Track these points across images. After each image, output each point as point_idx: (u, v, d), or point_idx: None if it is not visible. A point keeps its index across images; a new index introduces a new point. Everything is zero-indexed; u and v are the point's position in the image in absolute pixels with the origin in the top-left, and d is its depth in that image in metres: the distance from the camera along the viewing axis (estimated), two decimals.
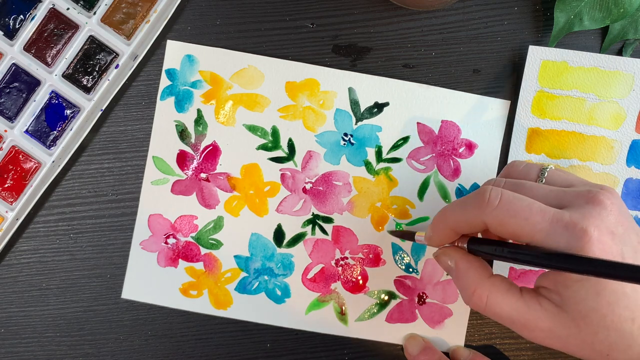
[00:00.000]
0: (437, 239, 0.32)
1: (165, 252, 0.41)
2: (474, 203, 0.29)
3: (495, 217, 0.28)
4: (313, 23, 0.41)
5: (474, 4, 0.41)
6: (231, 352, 0.41)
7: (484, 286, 0.29)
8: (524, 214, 0.27)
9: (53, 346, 0.41)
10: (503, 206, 0.27)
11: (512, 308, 0.28)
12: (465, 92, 0.41)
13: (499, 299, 0.29)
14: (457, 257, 0.31)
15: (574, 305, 0.27)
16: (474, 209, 0.29)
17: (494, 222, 0.28)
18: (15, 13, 0.40)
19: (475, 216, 0.28)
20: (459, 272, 0.30)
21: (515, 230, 0.27)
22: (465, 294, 0.30)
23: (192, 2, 0.41)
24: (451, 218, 0.30)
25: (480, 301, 0.29)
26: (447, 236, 0.31)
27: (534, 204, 0.27)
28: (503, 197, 0.28)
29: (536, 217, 0.27)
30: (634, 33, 0.40)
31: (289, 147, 0.41)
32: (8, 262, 0.41)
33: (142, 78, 0.41)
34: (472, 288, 0.29)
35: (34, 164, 0.41)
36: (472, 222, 0.29)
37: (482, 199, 0.28)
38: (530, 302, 0.28)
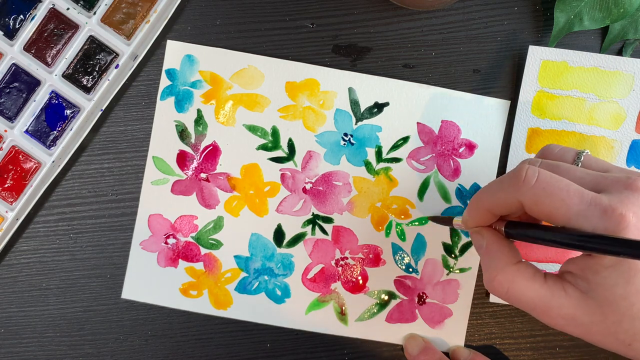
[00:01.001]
0: (472, 221, 0.31)
1: (165, 252, 0.41)
2: (510, 182, 0.28)
3: (532, 196, 0.27)
4: (313, 23, 0.41)
5: (474, 4, 0.41)
6: (231, 352, 0.41)
7: (508, 272, 0.29)
8: (561, 195, 0.26)
9: (53, 346, 0.41)
10: (539, 185, 0.27)
11: (535, 294, 0.28)
12: (465, 92, 0.41)
13: (522, 285, 0.28)
14: (489, 238, 0.30)
15: (602, 292, 0.26)
16: (509, 187, 0.28)
17: (529, 201, 0.27)
18: (15, 13, 0.40)
19: (511, 195, 0.28)
20: (487, 253, 0.30)
21: (551, 211, 0.26)
22: (487, 277, 0.30)
23: (192, 2, 0.41)
24: (486, 198, 0.30)
25: (501, 286, 0.29)
26: (483, 218, 0.30)
27: (571, 185, 0.26)
28: (540, 176, 0.27)
29: (573, 199, 0.26)
30: (634, 33, 0.40)
31: (289, 147, 0.41)
32: (8, 262, 0.42)
33: (142, 78, 0.41)
34: (495, 273, 0.29)
35: (34, 164, 0.41)
36: (507, 201, 0.28)
37: (519, 177, 0.27)
38: (554, 287, 0.28)
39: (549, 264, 0.40)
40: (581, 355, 0.41)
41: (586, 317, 0.27)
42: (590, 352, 0.41)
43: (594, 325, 0.27)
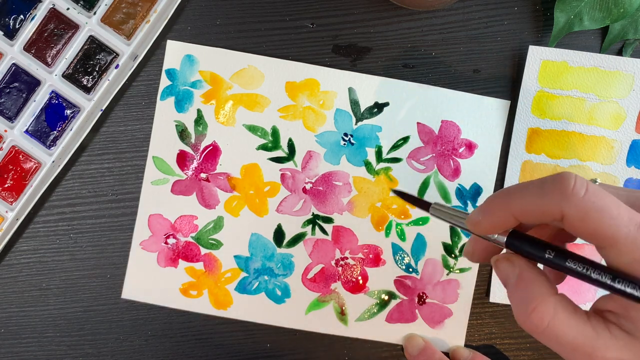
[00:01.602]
0: (487, 225, 0.26)
1: (165, 252, 0.41)
2: (555, 189, 0.24)
3: (580, 209, 0.23)
4: (313, 23, 0.41)
5: (474, 4, 0.41)
6: (231, 352, 0.41)
7: (549, 303, 0.25)
8: (611, 212, 0.23)
9: (53, 346, 0.41)
10: (590, 198, 0.23)
11: (579, 332, 0.24)
12: (465, 92, 0.41)
13: (565, 320, 0.24)
14: (523, 265, 0.26)
15: None
16: (553, 195, 0.24)
17: (575, 214, 0.23)
18: (15, 13, 0.40)
19: (555, 203, 0.24)
20: (522, 284, 0.26)
21: (597, 229, 0.23)
22: (523, 310, 0.25)
23: (192, 2, 0.41)
24: (518, 201, 0.25)
25: (542, 320, 0.24)
26: (503, 222, 0.26)
27: (621, 204, 0.24)
28: (590, 188, 0.24)
29: (624, 218, 0.23)
30: (634, 33, 0.40)
31: (289, 147, 0.41)
32: (8, 262, 0.42)
33: (142, 78, 0.41)
34: (534, 304, 0.25)
35: (34, 164, 0.41)
36: (546, 209, 0.24)
37: (567, 185, 0.24)
38: (599, 327, 0.24)
39: None
40: None
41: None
42: None
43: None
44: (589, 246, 0.41)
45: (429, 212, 0.29)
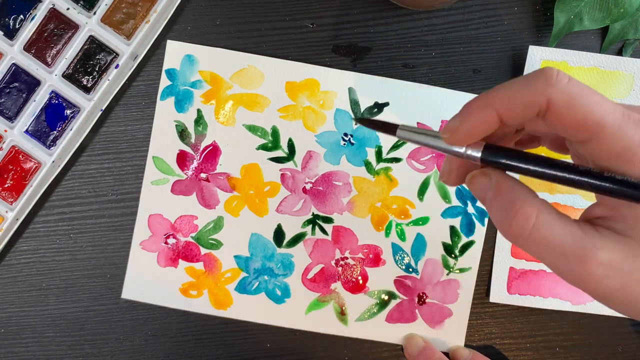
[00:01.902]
0: (467, 129, 0.24)
1: (165, 252, 0.41)
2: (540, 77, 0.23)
3: (566, 94, 0.22)
4: (313, 23, 0.41)
5: (474, 4, 0.41)
6: (231, 352, 0.41)
7: (533, 204, 0.23)
8: (596, 98, 0.22)
9: (53, 346, 0.41)
10: (574, 85, 0.23)
11: (565, 233, 0.23)
12: (465, 92, 0.41)
13: (551, 220, 0.23)
14: (500, 176, 0.25)
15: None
16: (539, 83, 0.23)
17: (562, 100, 0.22)
18: (15, 13, 0.40)
19: (540, 91, 0.23)
20: (501, 192, 0.24)
21: (585, 114, 0.22)
22: (505, 216, 0.24)
23: (192, 2, 0.41)
24: (502, 96, 0.24)
25: (527, 222, 0.23)
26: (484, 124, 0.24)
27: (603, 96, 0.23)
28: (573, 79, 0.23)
29: (609, 106, 0.22)
30: (634, 33, 0.40)
31: (289, 147, 0.41)
32: (8, 262, 0.41)
33: (142, 78, 0.41)
34: (517, 206, 0.23)
35: (34, 164, 0.41)
36: (533, 98, 0.23)
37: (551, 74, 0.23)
38: (587, 230, 0.23)
39: None
40: (581, 356, 0.41)
41: (627, 262, 0.22)
42: (591, 353, 0.41)
43: (635, 272, 0.22)
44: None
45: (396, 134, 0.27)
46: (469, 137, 0.24)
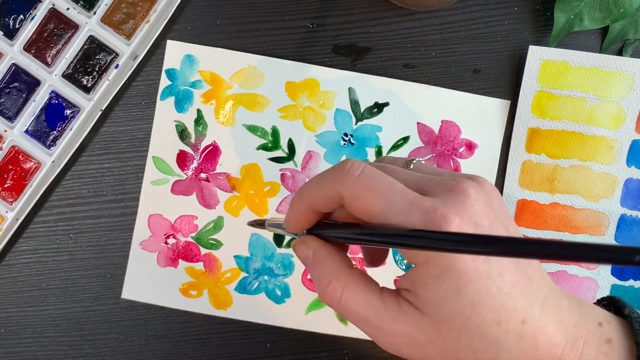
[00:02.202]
0: (294, 221, 0.28)
1: (165, 252, 0.41)
2: (333, 173, 0.26)
3: (353, 189, 0.25)
4: (313, 23, 0.41)
5: (474, 4, 0.41)
6: (231, 352, 0.41)
7: (341, 278, 0.26)
8: (383, 190, 0.24)
9: (53, 346, 0.41)
10: (363, 178, 0.25)
11: (368, 305, 0.25)
12: (465, 92, 0.41)
13: (355, 293, 0.26)
14: (317, 245, 0.28)
15: (433, 307, 0.24)
16: (332, 179, 0.26)
17: (350, 195, 0.25)
18: (15, 13, 0.40)
19: (333, 187, 0.26)
20: (317, 261, 0.27)
21: (371, 207, 0.25)
22: (320, 286, 0.27)
23: (192, 2, 0.41)
24: (307, 193, 0.27)
25: (335, 294, 0.26)
26: (304, 216, 0.28)
27: (396, 184, 0.25)
28: (365, 170, 0.25)
29: (395, 197, 0.24)
30: (634, 33, 0.40)
31: (289, 147, 0.41)
32: (8, 262, 0.41)
33: (142, 78, 0.41)
34: (328, 279, 0.26)
35: (34, 164, 0.41)
36: (328, 194, 0.26)
37: (343, 169, 0.26)
38: (389, 301, 0.25)
39: (549, 264, 0.41)
40: None
41: (422, 335, 0.24)
42: None
43: (431, 345, 0.24)
44: None
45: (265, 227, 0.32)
46: (298, 228, 0.28)
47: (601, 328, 0.25)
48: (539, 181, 0.41)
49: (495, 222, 0.25)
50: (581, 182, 0.40)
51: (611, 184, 0.40)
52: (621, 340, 0.25)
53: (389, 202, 0.24)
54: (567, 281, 0.40)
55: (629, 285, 0.41)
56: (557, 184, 0.41)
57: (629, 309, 0.27)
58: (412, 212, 0.24)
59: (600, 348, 0.25)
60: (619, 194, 0.40)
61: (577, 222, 0.40)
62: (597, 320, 0.26)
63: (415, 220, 0.24)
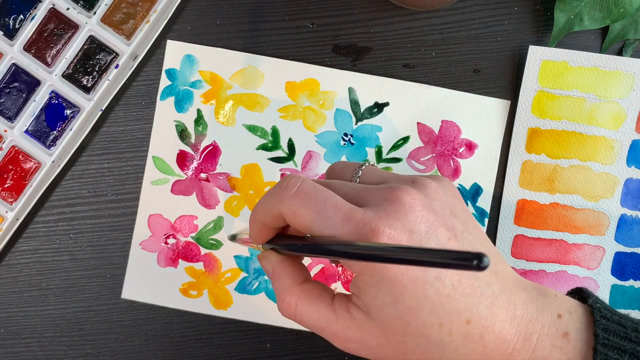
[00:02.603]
0: (253, 235, 0.29)
1: (165, 252, 0.41)
2: (274, 191, 0.27)
3: (289, 207, 0.26)
4: (313, 23, 0.41)
5: (474, 4, 0.41)
6: (231, 352, 0.41)
7: (294, 292, 0.27)
8: (317, 207, 0.25)
9: (53, 346, 0.41)
10: (298, 196, 0.25)
11: (320, 316, 0.26)
12: (465, 92, 0.41)
13: (307, 306, 0.27)
14: (275, 260, 0.29)
15: (376, 313, 0.25)
16: (273, 197, 0.27)
17: (288, 212, 0.26)
18: (15, 13, 0.40)
19: (273, 206, 0.26)
20: (274, 275, 0.28)
21: (307, 224, 0.25)
22: (277, 300, 0.28)
23: (192, 2, 0.41)
24: (257, 211, 0.28)
25: (289, 308, 0.27)
26: (260, 231, 0.29)
27: (330, 198, 0.25)
28: (301, 187, 0.26)
29: (329, 212, 0.25)
30: (634, 33, 0.40)
31: (289, 147, 0.41)
32: (8, 262, 0.41)
33: (142, 78, 0.41)
34: (283, 294, 0.28)
35: (34, 164, 0.41)
36: (271, 212, 0.27)
37: (281, 187, 0.26)
38: (340, 309, 0.26)
39: (549, 264, 0.41)
40: None
41: (372, 339, 0.25)
42: None
43: (382, 347, 0.25)
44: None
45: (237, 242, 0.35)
46: (259, 242, 0.30)
47: (559, 320, 0.25)
48: (539, 181, 0.41)
49: (434, 225, 0.25)
50: (581, 182, 0.40)
51: (611, 184, 0.40)
52: (579, 333, 0.25)
53: (322, 217, 0.25)
54: (567, 281, 0.40)
55: (629, 285, 0.41)
56: (557, 184, 0.41)
57: (593, 299, 0.26)
58: (344, 226, 0.24)
59: (555, 342, 0.25)
60: (619, 194, 0.40)
61: (577, 222, 0.40)
62: (556, 313, 0.25)
63: (346, 234, 0.24)
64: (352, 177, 0.29)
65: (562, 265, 0.41)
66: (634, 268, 0.41)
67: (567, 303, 0.26)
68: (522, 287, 0.26)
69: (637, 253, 0.41)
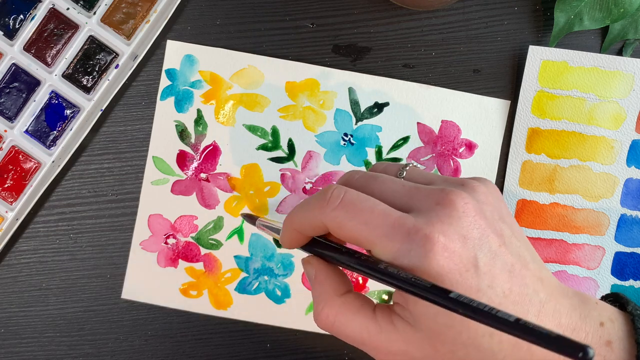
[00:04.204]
0: (286, 240, 0.28)
1: (165, 252, 0.41)
2: (316, 202, 0.26)
3: (334, 219, 0.25)
4: (313, 23, 0.41)
5: (474, 4, 0.41)
6: (231, 352, 0.41)
7: (334, 304, 0.26)
8: (364, 217, 0.24)
9: (53, 346, 0.41)
10: (343, 207, 0.25)
11: (361, 329, 0.26)
12: (465, 92, 0.41)
13: (348, 318, 0.26)
14: (318, 267, 0.28)
15: (426, 323, 0.24)
16: (314, 209, 0.26)
17: (332, 225, 0.25)
18: (15, 13, 0.40)
19: (315, 217, 0.26)
20: (316, 285, 0.27)
21: (354, 235, 0.24)
22: (315, 310, 0.27)
23: (192, 2, 0.41)
24: (295, 218, 0.27)
25: (327, 320, 0.26)
26: (295, 238, 0.28)
27: (377, 206, 0.24)
28: (345, 197, 0.25)
29: (377, 221, 0.24)
30: (634, 33, 0.40)
31: (289, 147, 0.41)
32: (8, 262, 0.41)
33: (142, 78, 0.41)
34: (322, 305, 0.26)
35: (34, 164, 0.41)
36: (313, 223, 0.26)
37: (324, 197, 0.25)
38: (383, 321, 0.25)
39: (549, 264, 0.41)
40: None
41: (418, 351, 0.24)
42: None
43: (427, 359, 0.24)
44: None
45: (255, 225, 0.34)
46: (291, 247, 0.28)
47: (602, 329, 0.25)
48: (539, 181, 0.41)
49: (486, 231, 0.24)
50: (581, 182, 0.40)
51: (611, 184, 0.40)
52: (622, 342, 0.25)
53: (371, 228, 0.24)
54: (567, 281, 0.40)
55: (629, 285, 0.41)
56: (557, 184, 0.41)
57: (632, 306, 0.26)
58: (394, 236, 0.24)
59: (599, 351, 0.24)
60: (619, 194, 0.40)
61: (577, 222, 0.40)
62: (599, 321, 0.25)
63: (398, 243, 0.23)
64: (396, 175, 0.28)
65: (562, 265, 0.41)
66: (634, 268, 0.41)
67: (608, 311, 0.26)
68: (565, 294, 0.25)
69: (637, 253, 0.41)
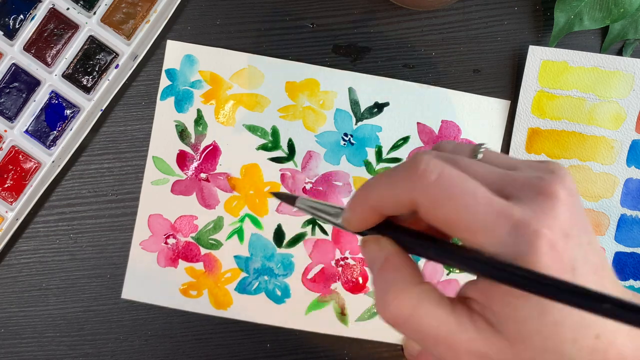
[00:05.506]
0: (354, 220, 0.25)
1: (165, 252, 0.41)
2: (405, 174, 0.22)
3: (430, 196, 0.22)
4: (313, 23, 0.41)
5: (474, 4, 0.41)
6: (231, 352, 0.41)
7: (412, 294, 0.23)
8: (465, 200, 0.21)
9: (53, 346, 0.41)
10: (442, 183, 0.21)
11: (440, 324, 0.22)
12: (465, 92, 0.41)
13: (428, 311, 0.23)
14: (392, 250, 0.24)
15: (513, 326, 0.22)
16: (403, 181, 0.22)
17: (426, 202, 0.22)
18: (15, 13, 0.40)
19: (405, 191, 0.22)
20: (385, 269, 0.24)
21: (451, 217, 0.21)
22: (382, 298, 0.23)
23: (192, 2, 0.41)
24: (374, 192, 0.23)
25: (401, 312, 0.23)
26: (367, 217, 0.24)
27: (479, 189, 0.21)
28: (444, 173, 0.22)
29: (480, 207, 0.21)
30: (634, 33, 0.40)
31: (289, 147, 0.41)
32: (8, 262, 0.41)
33: (142, 78, 0.41)
34: (395, 294, 0.23)
35: (34, 164, 0.41)
36: (398, 199, 0.22)
37: (415, 169, 0.22)
38: (462, 318, 0.23)
39: None
40: None
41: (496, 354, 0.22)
42: None
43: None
44: None
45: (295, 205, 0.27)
46: (358, 228, 0.25)
47: None
48: None
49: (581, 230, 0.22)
50: (581, 182, 0.40)
51: (611, 184, 0.40)
52: None
53: (473, 213, 0.21)
54: None
55: (629, 285, 0.41)
56: None
57: None
58: (499, 226, 0.21)
59: None
60: (619, 194, 0.40)
61: None
62: None
63: (503, 236, 0.21)
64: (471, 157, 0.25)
65: None
66: (634, 268, 0.41)
67: None
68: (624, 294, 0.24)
69: (637, 253, 0.41)
